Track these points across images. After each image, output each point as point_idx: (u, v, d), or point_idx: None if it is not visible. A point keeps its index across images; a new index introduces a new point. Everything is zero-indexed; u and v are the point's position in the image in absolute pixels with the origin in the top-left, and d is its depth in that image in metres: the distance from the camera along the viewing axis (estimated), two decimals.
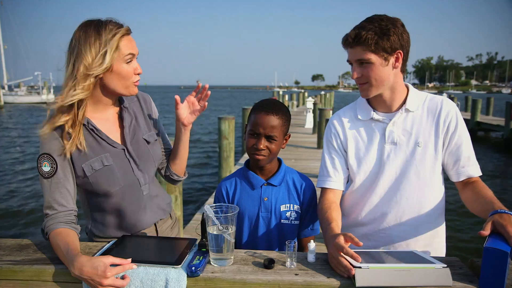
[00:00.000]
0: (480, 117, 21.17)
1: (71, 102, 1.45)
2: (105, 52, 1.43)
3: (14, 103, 47.19)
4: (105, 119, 1.61)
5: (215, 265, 1.31)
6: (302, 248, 1.77)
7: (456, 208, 7.99)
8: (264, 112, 1.65)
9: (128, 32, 1.52)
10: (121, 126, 1.64)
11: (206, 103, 1.74)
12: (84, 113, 1.51)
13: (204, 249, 1.36)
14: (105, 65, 1.44)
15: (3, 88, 50.67)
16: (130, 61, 1.52)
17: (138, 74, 1.57)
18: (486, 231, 1.20)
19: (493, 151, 16.81)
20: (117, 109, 1.66)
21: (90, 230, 1.70)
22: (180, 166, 1.85)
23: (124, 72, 1.51)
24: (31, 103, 47.56)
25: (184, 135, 1.76)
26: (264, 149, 1.65)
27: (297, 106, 35.42)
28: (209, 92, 1.72)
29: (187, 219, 6.14)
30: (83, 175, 1.52)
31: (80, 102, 1.48)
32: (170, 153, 1.86)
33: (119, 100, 1.67)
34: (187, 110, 1.73)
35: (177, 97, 1.71)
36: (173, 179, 1.87)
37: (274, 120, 1.64)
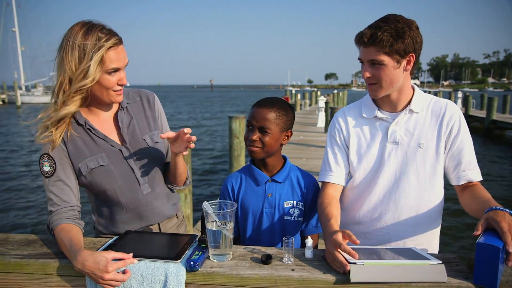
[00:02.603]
0: (496, 115, 20.79)
1: (65, 116, 1.51)
2: (88, 67, 1.42)
3: (31, 103, 48.01)
4: (102, 119, 1.64)
5: (214, 260, 1.34)
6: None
7: (459, 207, 7.89)
8: (258, 106, 1.72)
9: (116, 43, 1.48)
10: (119, 127, 1.66)
11: (186, 148, 1.57)
12: (69, 117, 1.54)
13: (204, 245, 1.38)
14: (90, 78, 1.43)
15: (20, 88, 51.58)
16: (114, 72, 1.49)
17: (121, 85, 1.54)
18: (478, 231, 1.20)
19: (509, 150, 16.51)
20: (115, 109, 1.68)
21: (96, 228, 1.74)
22: (174, 179, 1.77)
23: (105, 82, 1.49)
24: (48, 103, 48.21)
25: (172, 158, 1.67)
26: (256, 141, 1.69)
27: (310, 105, 35.33)
28: (193, 138, 1.54)
29: (197, 218, 6.19)
30: (80, 174, 1.57)
31: None
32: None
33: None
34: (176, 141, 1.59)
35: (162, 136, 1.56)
36: (168, 186, 1.82)
37: (266, 113, 1.68)
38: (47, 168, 1.52)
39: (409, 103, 1.65)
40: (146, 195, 1.69)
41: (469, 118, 23.00)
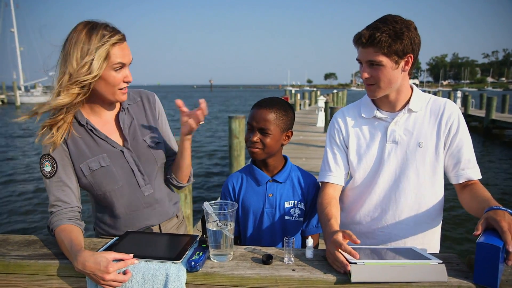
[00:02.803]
0: (495, 115, 20.82)
1: (56, 107, 1.47)
2: (92, 61, 1.42)
3: (30, 104, 47.94)
4: (104, 120, 1.64)
5: (215, 260, 1.34)
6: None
7: (459, 207, 7.89)
8: (258, 107, 1.71)
9: (121, 40, 1.49)
10: (120, 128, 1.65)
11: (198, 119, 1.59)
12: (71, 116, 1.52)
13: (204, 245, 1.38)
14: (93, 73, 1.43)
15: (20, 89, 51.58)
16: (120, 68, 1.51)
17: (127, 82, 1.56)
18: (478, 230, 1.21)
19: (508, 149, 16.53)
20: (116, 110, 1.68)
21: (96, 229, 1.74)
22: (180, 173, 1.77)
23: (111, 79, 1.49)
24: None
25: (181, 144, 1.68)
26: (257, 142, 1.69)
27: (309, 105, 35.34)
28: (205, 112, 1.59)
29: (197, 217, 6.18)
30: (81, 175, 1.56)
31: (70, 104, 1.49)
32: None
33: (119, 102, 1.67)
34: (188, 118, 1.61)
35: (178, 101, 1.59)
36: (172, 183, 1.82)
37: (267, 114, 1.68)
38: (48, 168, 1.52)
39: (407, 102, 1.65)
40: (147, 196, 1.69)
41: (468, 118, 23.03)
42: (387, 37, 1.48)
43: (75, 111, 1.54)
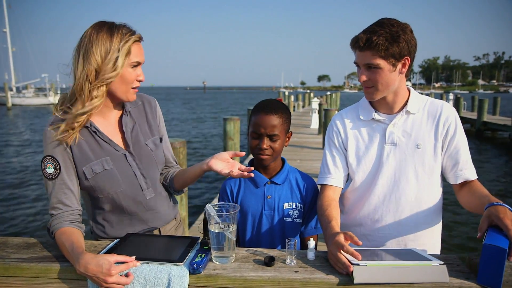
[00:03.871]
0: (486, 117, 21.03)
1: (91, 110, 1.49)
2: (117, 58, 1.44)
3: (21, 105, 47.63)
4: (107, 122, 1.63)
5: (217, 262, 1.34)
6: (306, 246, 1.80)
7: (457, 208, 7.96)
8: (264, 113, 1.69)
9: (139, 39, 1.54)
10: (123, 131, 1.65)
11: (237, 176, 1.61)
12: (87, 117, 1.52)
13: (206, 247, 1.38)
14: (118, 70, 1.45)
15: (11, 90, 51.14)
16: (135, 66, 1.53)
17: (140, 81, 1.57)
18: (482, 231, 1.22)
19: (499, 151, 16.69)
20: (119, 113, 1.67)
21: (94, 232, 1.73)
22: (182, 187, 1.81)
23: (128, 76, 1.51)
24: (39, 105, 48.15)
25: (201, 169, 1.69)
26: (267, 148, 1.69)
27: (303, 106, 35.37)
28: (251, 174, 1.61)
29: (192, 220, 6.18)
30: (84, 177, 1.55)
31: None
32: (178, 171, 1.83)
33: (122, 105, 1.67)
34: (225, 164, 1.63)
35: (240, 153, 1.66)
36: (168, 191, 1.84)
37: (274, 119, 1.68)
38: (50, 170, 1.51)
39: (405, 104, 1.67)
40: (149, 200, 1.69)
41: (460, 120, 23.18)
42: (384, 40, 1.49)
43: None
